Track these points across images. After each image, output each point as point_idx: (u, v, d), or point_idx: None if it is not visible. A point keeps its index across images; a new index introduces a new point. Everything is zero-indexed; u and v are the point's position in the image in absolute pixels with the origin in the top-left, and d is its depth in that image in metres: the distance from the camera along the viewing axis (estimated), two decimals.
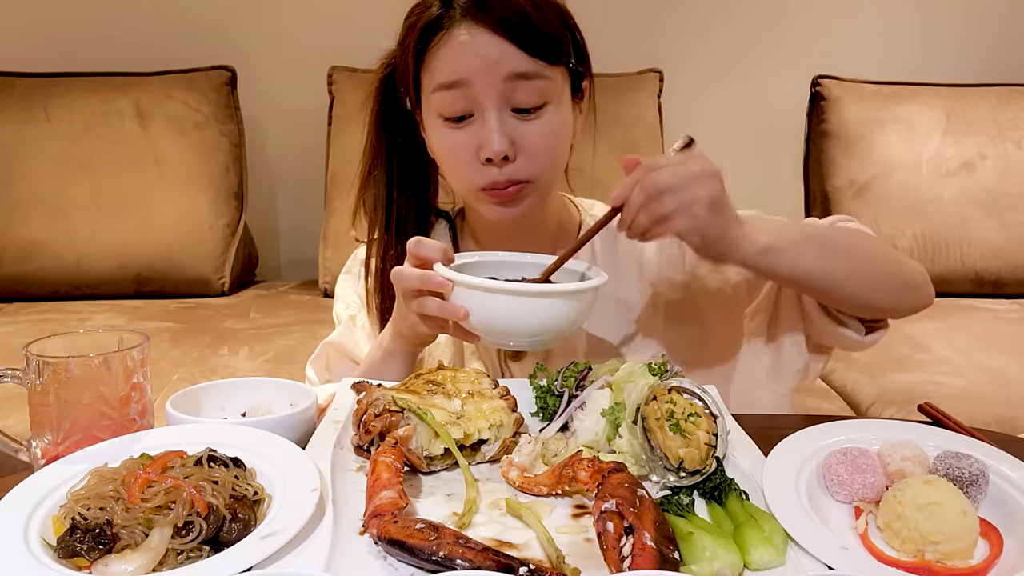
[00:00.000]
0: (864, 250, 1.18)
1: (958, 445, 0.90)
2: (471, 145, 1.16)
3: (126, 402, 0.94)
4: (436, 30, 1.15)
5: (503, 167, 1.15)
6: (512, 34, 1.12)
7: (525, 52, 1.13)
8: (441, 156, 1.22)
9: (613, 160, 2.90)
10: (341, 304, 1.40)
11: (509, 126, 1.15)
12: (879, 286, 1.16)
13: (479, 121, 1.15)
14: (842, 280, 1.13)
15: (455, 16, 1.13)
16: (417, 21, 1.17)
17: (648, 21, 3.04)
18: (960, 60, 3.05)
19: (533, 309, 1.01)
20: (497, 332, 1.04)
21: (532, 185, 1.19)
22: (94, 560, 0.71)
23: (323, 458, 0.86)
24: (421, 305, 1.07)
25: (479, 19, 1.12)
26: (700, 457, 0.83)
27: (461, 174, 1.20)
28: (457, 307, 1.03)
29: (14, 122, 2.64)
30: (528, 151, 1.16)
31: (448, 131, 1.17)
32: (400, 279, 1.08)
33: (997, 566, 0.75)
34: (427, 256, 1.06)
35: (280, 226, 3.17)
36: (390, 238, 1.31)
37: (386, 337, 1.19)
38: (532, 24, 1.13)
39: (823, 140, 2.80)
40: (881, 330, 1.21)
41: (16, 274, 2.59)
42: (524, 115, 1.15)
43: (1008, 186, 2.70)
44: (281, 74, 2.98)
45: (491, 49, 1.12)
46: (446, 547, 0.67)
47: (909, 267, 1.20)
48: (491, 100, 1.13)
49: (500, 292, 1.00)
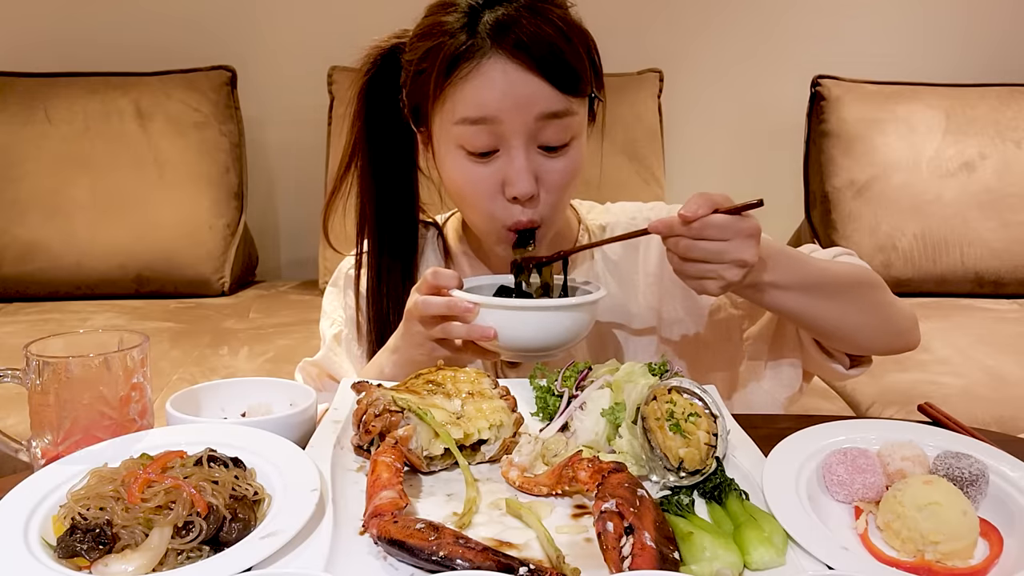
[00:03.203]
0: (859, 297, 1.18)
1: (958, 445, 0.90)
2: (495, 181, 1.14)
3: (126, 402, 0.94)
4: (463, 60, 1.10)
5: (527, 206, 1.15)
6: (545, 71, 1.09)
7: (557, 88, 1.10)
8: (461, 189, 1.18)
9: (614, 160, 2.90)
10: (326, 321, 1.36)
11: (535, 163, 1.13)
12: (867, 331, 1.19)
13: (505, 157, 1.13)
14: (831, 323, 1.15)
15: (484, 47, 1.09)
16: (441, 48, 1.11)
17: (648, 21, 3.04)
18: (960, 60, 3.05)
19: (556, 321, 1.08)
20: (521, 347, 1.09)
21: (545, 228, 1.18)
22: (94, 560, 0.71)
23: (323, 458, 0.86)
24: (445, 330, 1.08)
25: (511, 54, 1.08)
26: (700, 457, 0.83)
27: (483, 208, 1.17)
28: (487, 328, 1.05)
29: (14, 122, 2.64)
30: (550, 188, 1.15)
31: (470, 165, 1.14)
32: (425, 307, 1.08)
33: (997, 566, 0.75)
34: (444, 285, 1.08)
35: (280, 226, 3.17)
36: (380, 250, 1.30)
37: (387, 365, 1.17)
38: (564, 60, 1.10)
39: (823, 140, 2.80)
40: (864, 365, 1.24)
41: (16, 274, 2.60)
42: (550, 152, 1.14)
43: (1008, 186, 2.69)
44: (281, 74, 2.98)
45: (523, 87, 1.09)
46: (446, 547, 0.67)
47: (900, 314, 1.22)
48: (519, 138, 1.11)
49: (524, 309, 1.07)
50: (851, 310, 1.16)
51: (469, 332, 1.07)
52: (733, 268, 1.01)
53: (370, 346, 1.29)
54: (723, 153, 3.12)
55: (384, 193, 1.29)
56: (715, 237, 1.00)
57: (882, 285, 1.20)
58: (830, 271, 1.17)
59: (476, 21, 1.10)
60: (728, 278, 1.01)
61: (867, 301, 1.18)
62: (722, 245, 1.00)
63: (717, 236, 1.00)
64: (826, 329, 1.17)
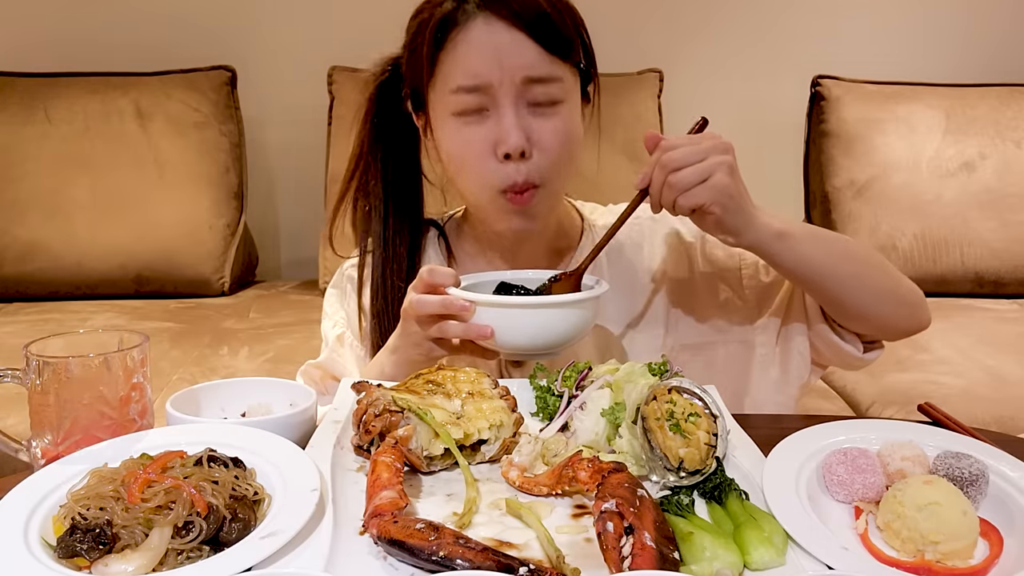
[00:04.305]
0: (867, 259, 1.20)
1: (958, 445, 0.90)
2: (487, 142, 1.15)
3: (126, 402, 0.94)
4: (452, 25, 1.13)
5: (520, 164, 1.15)
6: (529, 28, 1.11)
7: (542, 47, 1.12)
8: (455, 155, 1.19)
9: (614, 160, 2.90)
10: (328, 322, 1.36)
11: (525, 121, 1.14)
12: (879, 296, 1.18)
13: (495, 117, 1.14)
14: (845, 280, 1.14)
15: (470, 10, 1.12)
16: (430, 18, 1.15)
17: (648, 21, 3.04)
18: (960, 60, 3.05)
19: (554, 319, 1.05)
20: (519, 345, 1.07)
21: (544, 189, 1.18)
22: (94, 560, 0.71)
23: (323, 458, 0.86)
24: (442, 329, 1.07)
25: (497, 15, 1.11)
26: (700, 457, 0.83)
27: (477, 173, 1.18)
28: (483, 327, 1.04)
29: (14, 122, 2.64)
30: (543, 148, 1.16)
31: (463, 128, 1.16)
32: (420, 306, 1.07)
33: (997, 566, 0.75)
34: (440, 283, 1.07)
35: (280, 226, 3.17)
36: (387, 251, 1.30)
37: (387, 365, 1.17)
38: (551, 22, 1.13)
39: (823, 140, 2.80)
40: (877, 349, 1.24)
41: (16, 274, 2.60)
42: (540, 111, 1.15)
43: (1008, 186, 2.69)
44: (281, 74, 2.98)
45: (511, 46, 1.11)
46: (446, 547, 0.67)
47: (907, 284, 1.22)
48: (508, 97, 1.13)
49: (521, 307, 1.05)
50: (862, 271, 1.16)
51: (466, 331, 1.05)
52: (720, 153, 1.05)
53: (373, 347, 1.29)
54: None
55: (391, 195, 1.30)
56: (686, 142, 1.06)
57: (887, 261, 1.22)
58: (842, 236, 1.22)
59: None
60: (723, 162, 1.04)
61: (875, 265, 1.20)
62: (697, 145, 1.05)
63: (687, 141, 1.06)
64: (841, 287, 1.15)
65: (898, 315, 1.21)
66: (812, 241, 1.13)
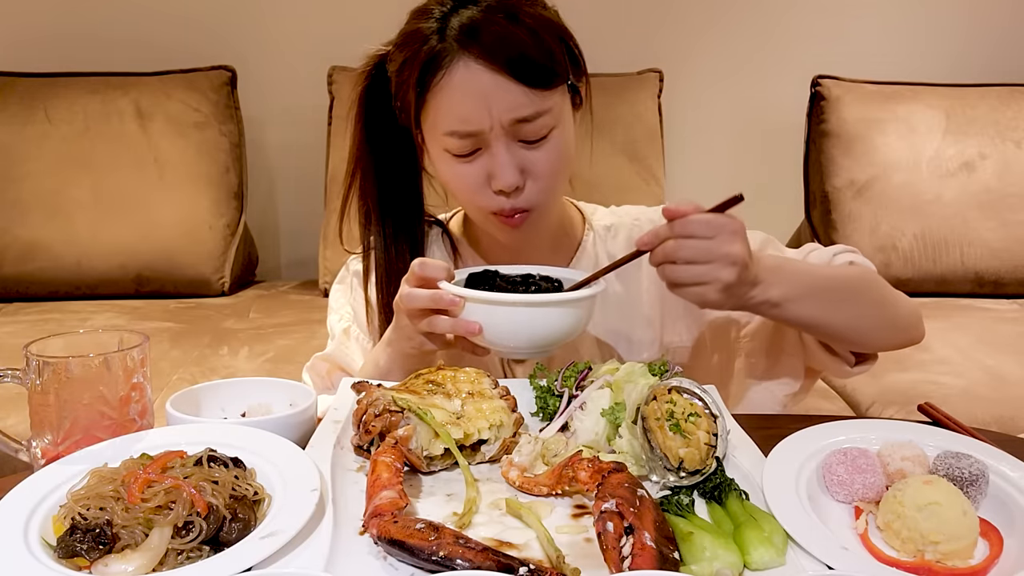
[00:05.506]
0: (867, 299, 1.18)
1: (958, 445, 0.90)
2: (481, 176, 1.16)
3: (126, 402, 0.94)
4: (435, 69, 1.11)
5: (512, 196, 1.16)
6: (511, 68, 1.09)
7: (526, 86, 1.10)
8: (450, 184, 1.22)
9: (614, 160, 2.90)
10: (335, 316, 1.37)
11: (517, 156, 1.14)
12: (877, 330, 1.19)
13: (488, 155, 1.14)
14: (843, 327, 1.15)
15: (452, 53, 1.10)
16: (415, 57, 1.13)
17: (648, 21, 3.04)
18: (960, 60, 3.05)
19: (543, 318, 1.02)
20: (508, 344, 1.05)
21: (536, 211, 1.19)
22: (94, 560, 0.71)
23: (323, 458, 0.86)
24: (431, 324, 1.06)
25: (478, 57, 1.09)
26: (700, 457, 0.83)
27: (472, 202, 1.20)
28: (471, 323, 1.03)
29: (14, 122, 2.64)
30: (536, 176, 1.16)
31: (456, 164, 1.17)
32: (410, 300, 1.07)
33: (997, 566, 0.75)
34: (432, 276, 1.06)
35: (280, 226, 3.17)
36: (388, 248, 1.30)
37: (383, 357, 1.17)
38: (532, 60, 1.11)
39: (823, 140, 2.80)
40: (869, 362, 1.23)
41: (16, 274, 2.59)
42: (532, 144, 1.15)
43: (1008, 186, 2.69)
44: (281, 74, 2.98)
45: (494, 90, 1.10)
46: (446, 547, 0.67)
47: (905, 310, 1.22)
48: (500, 140, 1.13)
49: (511, 304, 1.02)
50: (861, 312, 1.16)
51: (454, 326, 1.04)
52: (725, 266, 0.98)
53: (379, 338, 1.29)
54: (723, 153, 3.12)
55: (388, 194, 1.30)
56: (701, 234, 0.98)
57: (885, 283, 1.21)
58: (836, 276, 1.18)
59: (445, 27, 1.11)
60: (723, 278, 0.99)
61: (874, 301, 1.19)
62: (709, 242, 0.98)
63: (703, 233, 0.98)
64: (839, 333, 1.16)
65: (894, 340, 1.23)
66: (811, 299, 1.10)
